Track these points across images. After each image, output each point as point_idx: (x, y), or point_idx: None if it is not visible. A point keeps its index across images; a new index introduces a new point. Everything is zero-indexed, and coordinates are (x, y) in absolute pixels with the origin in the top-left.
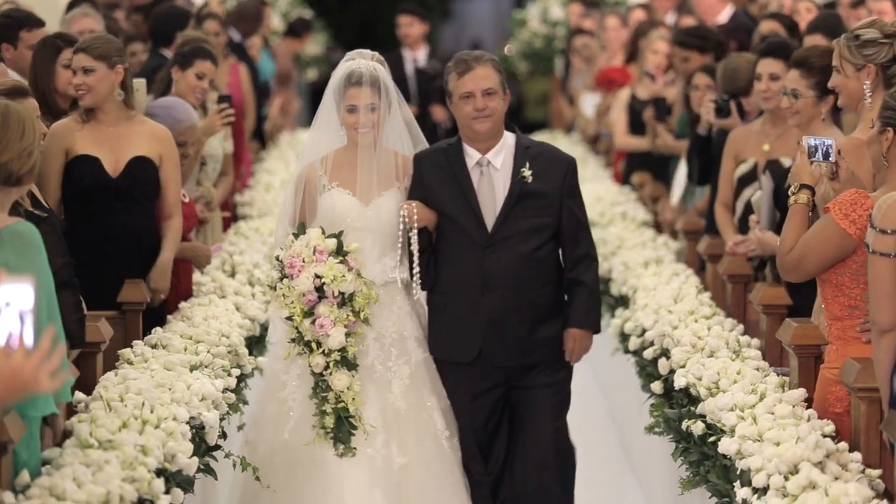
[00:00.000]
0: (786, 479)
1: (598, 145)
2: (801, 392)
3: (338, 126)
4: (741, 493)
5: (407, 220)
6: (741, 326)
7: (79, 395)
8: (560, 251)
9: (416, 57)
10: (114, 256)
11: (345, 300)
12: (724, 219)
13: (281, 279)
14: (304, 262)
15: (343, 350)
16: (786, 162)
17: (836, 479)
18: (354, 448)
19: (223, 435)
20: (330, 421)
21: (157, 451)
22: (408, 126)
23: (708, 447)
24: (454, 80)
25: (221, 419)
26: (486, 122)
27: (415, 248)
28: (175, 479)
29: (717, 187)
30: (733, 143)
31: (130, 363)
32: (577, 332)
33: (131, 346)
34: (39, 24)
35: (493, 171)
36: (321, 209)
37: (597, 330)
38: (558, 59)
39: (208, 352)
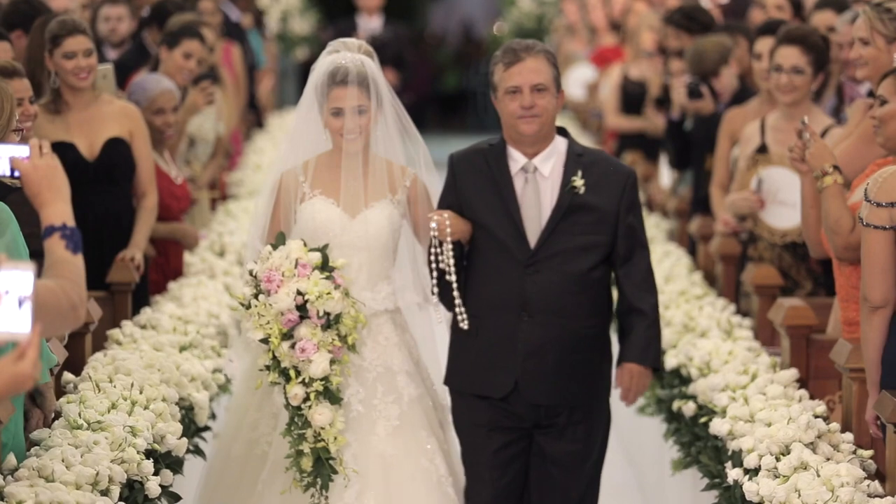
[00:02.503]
0: (777, 459)
1: (590, 124)
2: (792, 372)
3: (320, 128)
4: (732, 473)
5: (436, 232)
6: (733, 306)
7: (67, 375)
8: (613, 276)
9: (371, 24)
10: (95, 238)
11: (330, 322)
12: (719, 200)
13: (256, 295)
14: (283, 276)
15: (326, 380)
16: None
17: (828, 459)
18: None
19: (213, 416)
20: (307, 462)
21: (147, 432)
22: (402, 128)
23: (699, 428)
24: (500, 71)
25: (211, 400)
26: (534, 122)
27: (449, 266)
28: (164, 460)
29: (698, 172)
30: (729, 124)
31: (119, 344)
32: (636, 369)
33: (120, 327)
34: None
35: (539, 178)
36: (300, 220)
37: (657, 367)
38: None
39: (198, 332)
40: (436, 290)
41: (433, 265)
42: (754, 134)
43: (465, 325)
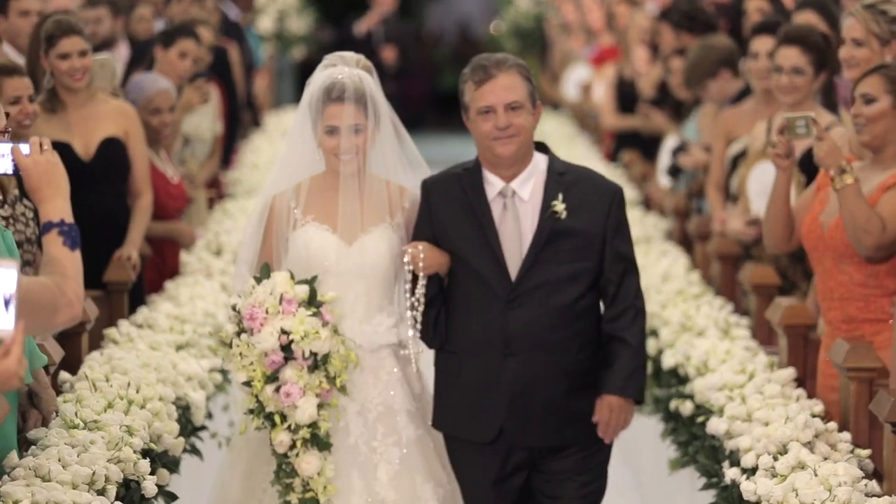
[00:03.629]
0: (775, 459)
1: (587, 124)
2: (790, 372)
3: (314, 147)
4: (730, 473)
5: (411, 265)
6: (730, 306)
7: (64, 375)
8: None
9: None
10: (90, 238)
11: (318, 363)
12: (716, 200)
13: (238, 334)
14: (267, 313)
15: (314, 426)
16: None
17: (826, 459)
18: None
19: (209, 415)
20: None
21: (143, 432)
22: (402, 147)
23: (696, 427)
24: (470, 90)
25: (208, 399)
26: (511, 143)
27: (418, 298)
28: (161, 460)
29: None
30: (724, 123)
31: (116, 343)
32: (615, 401)
33: (117, 326)
34: None
35: (519, 203)
36: (293, 249)
37: (639, 400)
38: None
39: (194, 332)
40: (418, 326)
41: (411, 298)
42: (761, 134)
43: (415, 349)
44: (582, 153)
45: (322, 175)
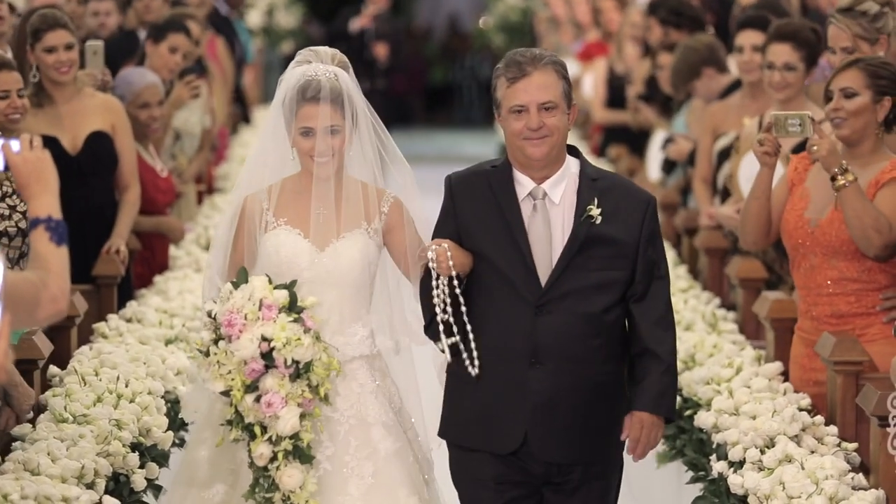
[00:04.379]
0: (762, 452)
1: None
2: (777, 365)
3: (288, 148)
4: (717, 466)
5: (434, 264)
6: (717, 300)
7: (53, 369)
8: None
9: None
10: (78, 232)
11: (300, 371)
12: (703, 194)
13: (215, 342)
14: (246, 319)
15: (296, 437)
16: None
17: (812, 452)
18: None
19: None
20: None
21: (132, 426)
22: (381, 148)
23: (684, 421)
24: (503, 87)
25: None
26: (543, 144)
27: (447, 300)
28: (150, 454)
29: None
30: (711, 118)
31: (105, 337)
32: (647, 418)
33: (106, 320)
34: None
35: (550, 205)
36: (262, 253)
37: (671, 417)
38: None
39: (183, 325)
40: (439, 332)
41: (430, 301)
42: (753, 130)
43: (474, 371)
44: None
45: (296, 176)
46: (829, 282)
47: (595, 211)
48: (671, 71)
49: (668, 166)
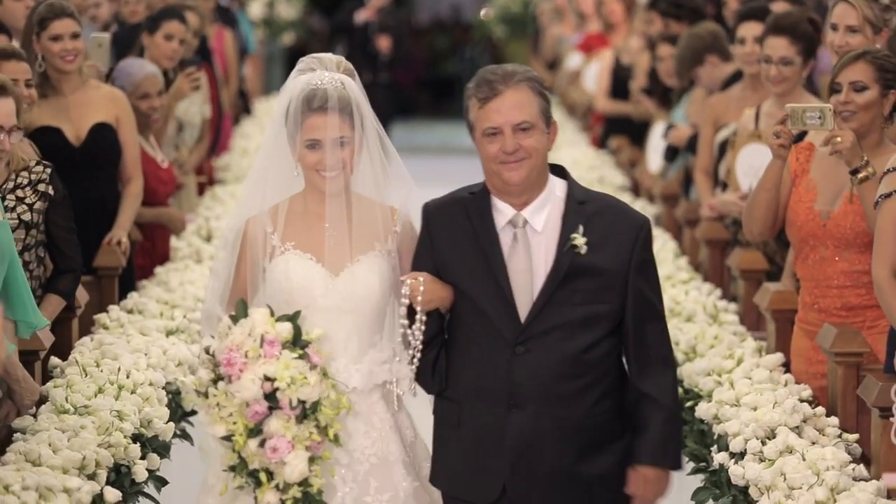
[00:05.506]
0: (763, 443)
1: (576, 110)
2: (778, 357)
3: (291, 163)
4: (718, 457)
5: (408, 298)
6: (718, 291)
7: (54, 360)
8: (623, 350)
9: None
10: (80, 223)
11: (306, 412)
12: (704, 185)
13: (214, 382)
14: (246, 357)
15: (305, 483)
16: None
17: (813, 443)
18: None
19: None
20: None
21: (134, 417)
22: (387, 160)
23: (685, 412)
24: (475, 108)
25: None
26: (521, 168)
27: (416, 337)
28: (151, 445)
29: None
30: (712, 109)
31: (106, 328)
32: (651, 474)
33: (107, 311)
34: None
35: (531, 233)
36: (271, 281)
37: (676, 466)
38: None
39: (184, 317)
40: (413, 367)
41: (404, 339)
42: (749, 121)
43: (404, 388)
44: (570, 139)
45: (302, 195)
46: (839, 274)
47: (580, 240)
48: (675, 58)
49: (671, 154)
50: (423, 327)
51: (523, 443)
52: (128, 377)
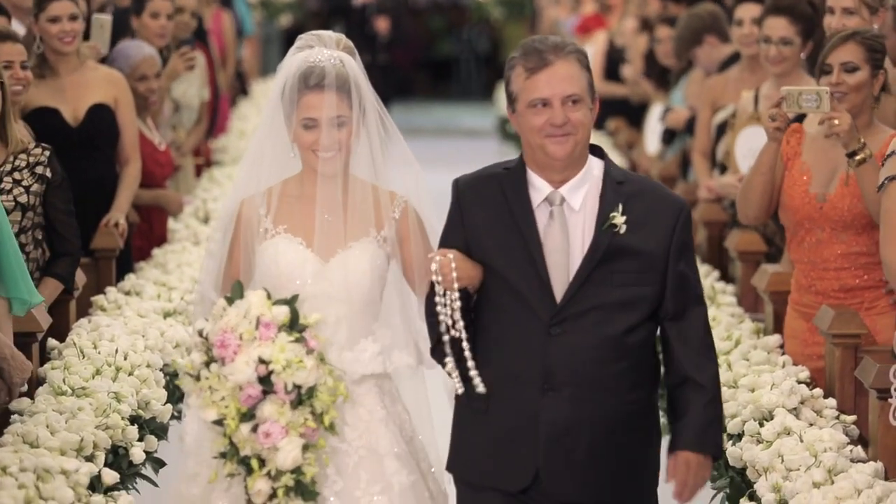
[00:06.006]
0: (760, 425)
1: None
2: (776, 338)
3: (288, 144)
4: None
5: (439, 277)
6: (716, 272)
7: (52, 342)
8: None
9: None
10: (77, 204)
11: (302, 397)
12: (702, 167)
13: (207, 364)
14: (241, 339)
15: (298, 471)
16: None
17: (811, 425)
18: None
19: None
20: None
21: (131, 398)
22: (388, 143)
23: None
24: (520, 78)
25: None
26: (567, 142)
27: (455, 322)
28: (149, 426)
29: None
30: (710, 91)
31: (103, 310)
32: (693, 459)
33: (104, 293)
34: None
35: (568, 212)
36: (260, 264)
37: (718, 455)
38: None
39: (182, 299)
40: (446, 354)
41: (435, 319)
42: (748, 103)
43: (482, 389)
44: None
45: (297, 178)
46: (836, 256)
47: (619, 218)
48: (674, 38)
49: (668, 136)
50: (458, 304)
51: (559, 428)
52: (125, 359)
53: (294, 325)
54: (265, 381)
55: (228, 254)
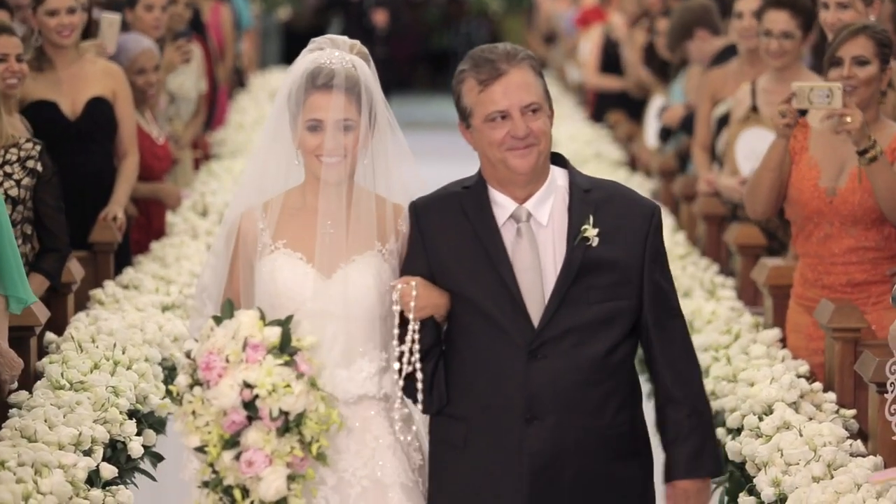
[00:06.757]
0: (760, 419)
1: (570, 85)
2: (775, 332)
3: (292, 150)
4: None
5: (399, 305)
6: (716, 266)
7: (50, 335)
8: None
9: None
10: (75, 197)
11: (289, 424)
12: (701, 160)
13: (191, 387)
14: (227, 361)
15: (282, 503)
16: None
17: (811, 419)
18: None
19: None
20: None
21: (129, 393)
22: (400, 156)
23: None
24: (472, 92)
25: None
26: (529, 154)
27: (409, 348)
28: (147, 421)
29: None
30: (710, 85)
31: (101, 304)
32: (690, 487)
33: (102, 287)
34: None
35: (536, 228)
36: (259, 282)
37: (716, 471)
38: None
39: (180, 292)
40: (401, 383)
41: (396, 351)
42: (745, 96)
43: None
44: (566, 113)
45: (300, 188)
46: (845, 250)
47: (591, 231)
48: (667, 33)
49: (665, 134)
50: (416, 336)
51: (544, 458)
52: (123, 353)
53: (285, 347)
54: (250, 407)
55: (229, 270)
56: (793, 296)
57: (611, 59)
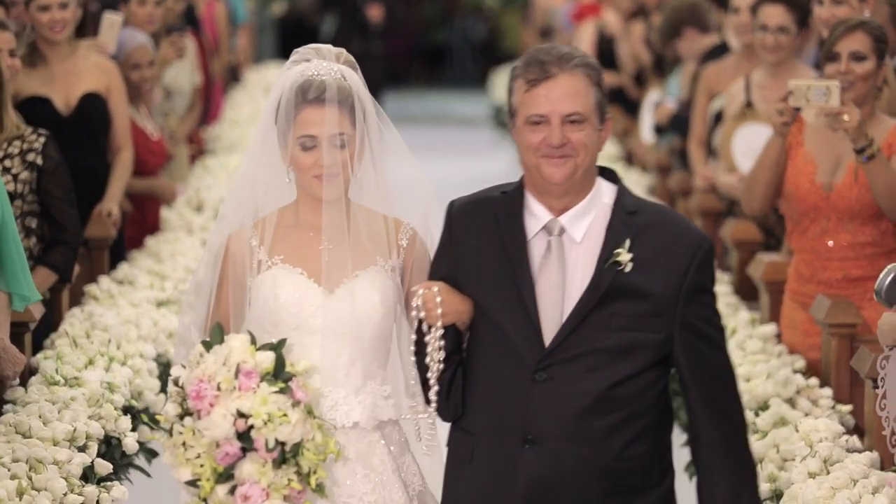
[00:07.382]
0: (756, 415)
1: None
2: (771, 328)
3: (282, 168)
4: None
5: (421, 312)
6: None
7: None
8: (669, 386)
9: None
10: None
11: (286, 455)
12: (698, 156)
13: (181, 417)
14: (219, 389)
15: None
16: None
17: (807, 415)
18: None
19: None
20: None
21: (124, 389)
22: (393, 155)
23: (677, 383)
24: (520, 91)
25: None
26: (565, 165)
27: (434, 356)
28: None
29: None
30: (706, 80)
31: (96, 299)
32: None
33: (97, 282)
34: None
35: (568, 244)
36: (256, 300)
37: None
38: None
39: (175, 288)
40: (432, 395)
41: (417, 358)
42: (739, 91)
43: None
44: None
45: (293, 205)
46: (841, 246)
47: (625, 255)
48: (656, 32)
49: (659, 130)
50: (441, 343)
51: (540, 485)
52: (118, 349)
53: (279, 373)
54: (244, 438)
55: (216, 295)
56: (787, 292)
57: (605, 55)
